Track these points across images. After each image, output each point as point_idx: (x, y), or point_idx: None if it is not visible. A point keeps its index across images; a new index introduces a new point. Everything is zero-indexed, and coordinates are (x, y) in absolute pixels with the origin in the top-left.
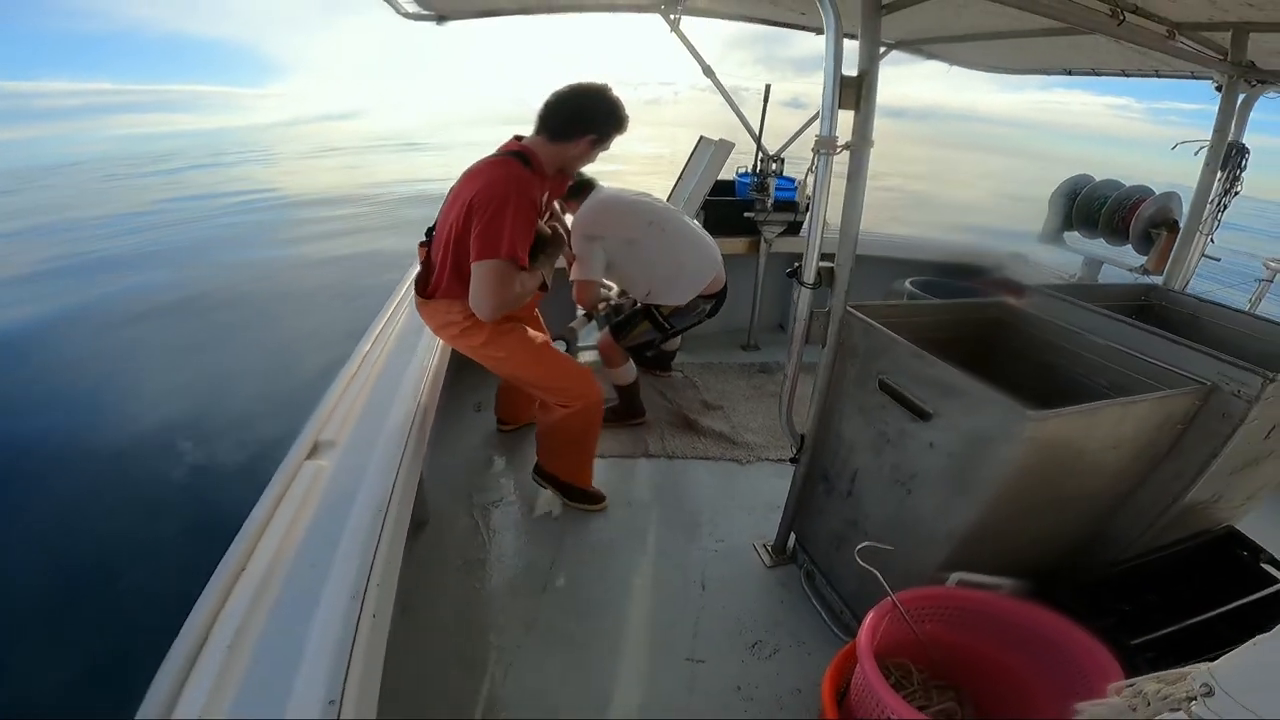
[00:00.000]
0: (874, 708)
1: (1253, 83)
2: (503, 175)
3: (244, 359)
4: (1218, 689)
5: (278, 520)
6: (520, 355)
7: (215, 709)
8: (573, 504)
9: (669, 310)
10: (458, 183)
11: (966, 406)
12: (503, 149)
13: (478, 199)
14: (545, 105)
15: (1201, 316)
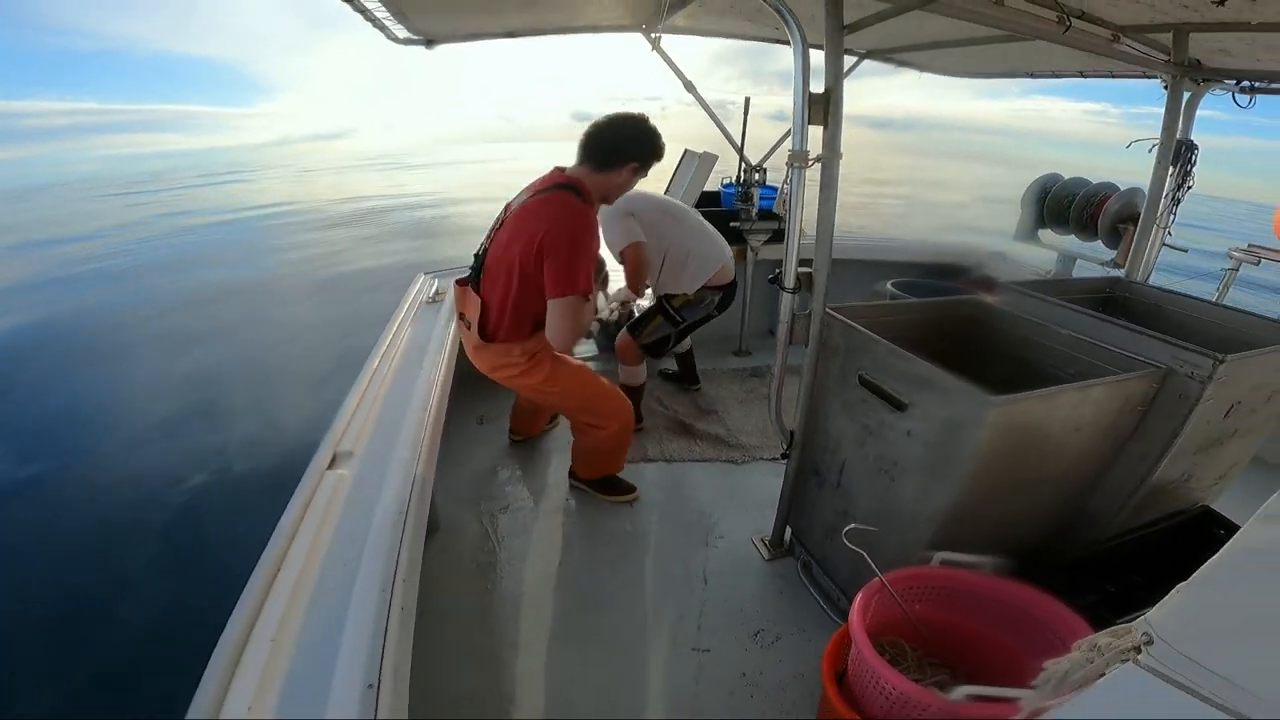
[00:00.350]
0: (870, 681)
1: (1198, 81)
2: (570, 212)
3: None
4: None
5: (306, 525)
6: (572, 385)
7: (263, 699)
8: (609, 497)
9: (679, 303)
10: (511, 220)
11: (938, 396)
12: (549, 181)
13: (550, 238)
14: (588, 137)
15: (1163, 306)
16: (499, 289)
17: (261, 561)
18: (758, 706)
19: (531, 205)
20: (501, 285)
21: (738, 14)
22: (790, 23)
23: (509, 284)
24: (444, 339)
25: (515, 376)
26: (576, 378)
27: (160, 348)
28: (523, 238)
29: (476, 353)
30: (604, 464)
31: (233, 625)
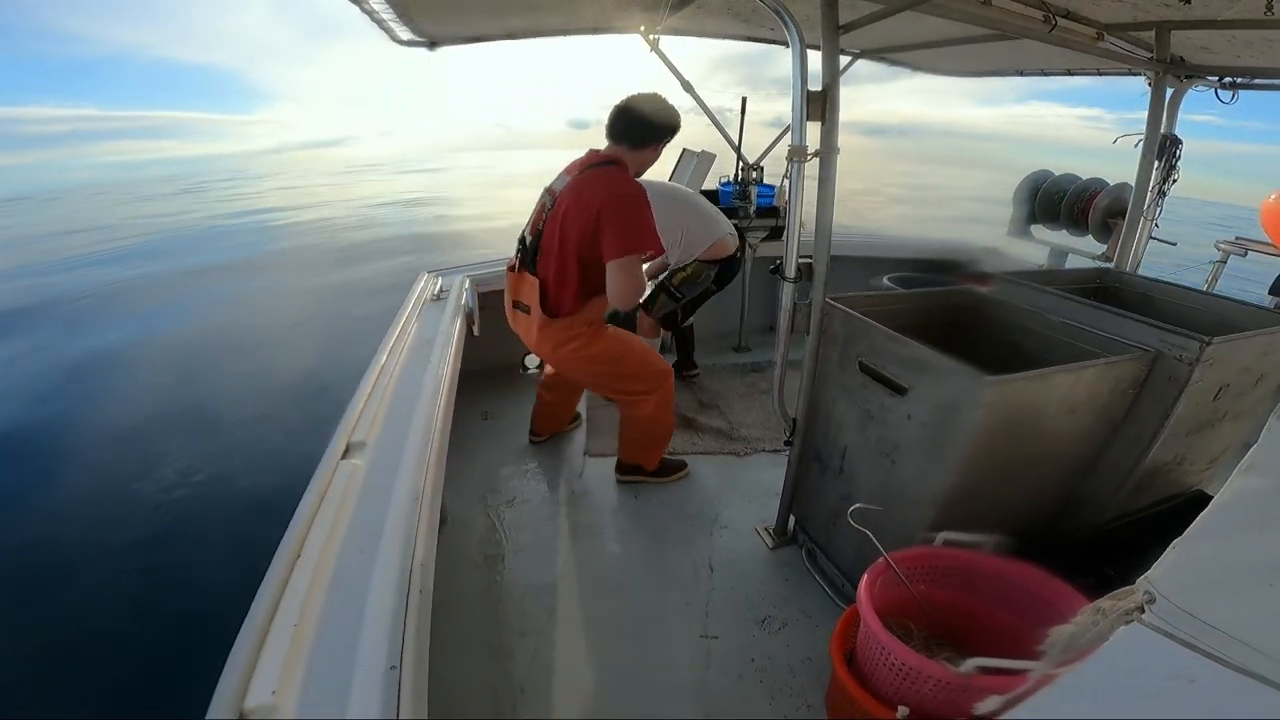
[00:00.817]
0: (879, 657)
1: (1180, 77)
2: (623, 181)
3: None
4: (1158, 595)
5: (323, 513)
6: (627, 348)
7: (288, 683)
8: (662, 480)
9: (678, 280)
10: (562, 198)
11: (936, 379)
12: (591, 160)
13: (609, 206)
14: (621, 118)
15: (1152, 295)
16: (555, 265)
17: (280, 549)
18: (767, 690)
19: (582, 181)
20: (558, 261)
21: (735, 15)
22: (788, 23)
23: (565, 259)
24: (450, 335)
25: (580, 348)
26: (628, 340)
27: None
28: (578, 212)
29: (541, 333)
30: (656, 443)
31: (255, 612)
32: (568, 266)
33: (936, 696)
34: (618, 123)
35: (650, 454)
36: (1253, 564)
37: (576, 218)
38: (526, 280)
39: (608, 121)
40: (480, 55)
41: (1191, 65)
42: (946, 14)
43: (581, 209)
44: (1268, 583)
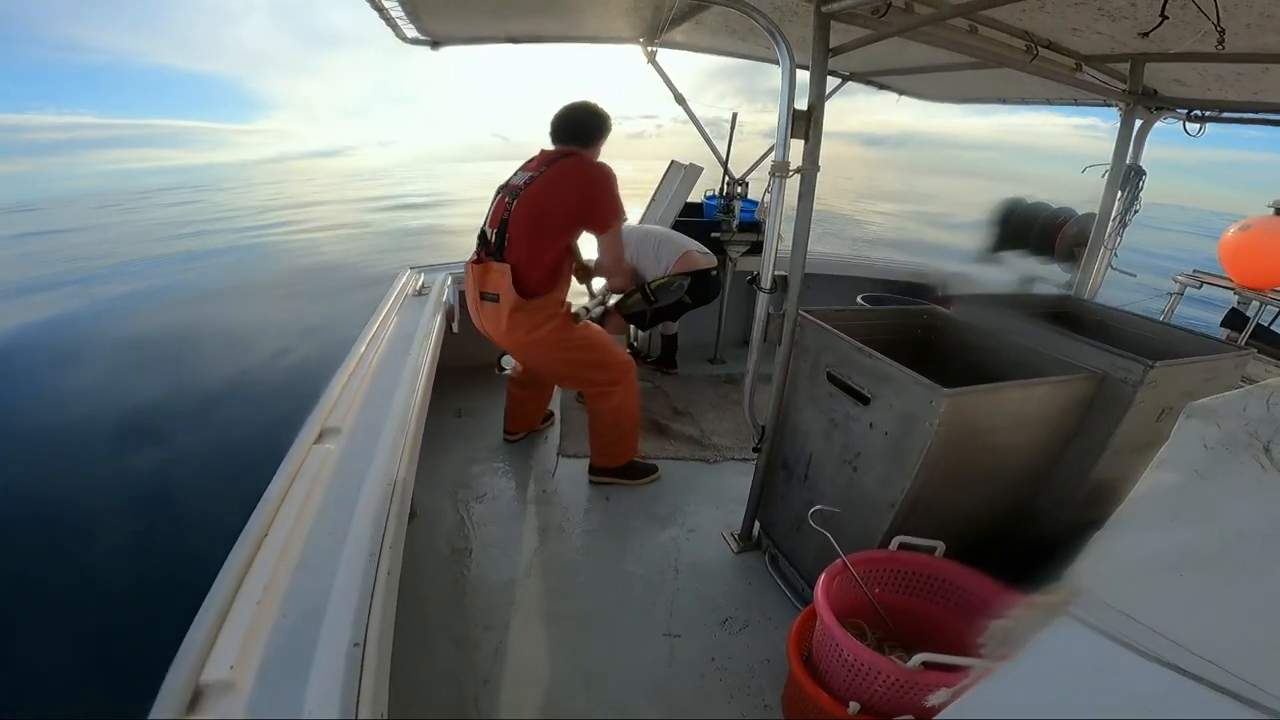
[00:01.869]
0: (833, 653)
1: (1151, 109)
2: (596, 166)
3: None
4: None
5: (294, 494)
6: (592, 335)
7: (248, 656)
8: (636, 482)
9: (655, 285)
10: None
11: (897, 390)
12: (552, 156)
13: (592, 188)
14: (567, 121)
15: (1107, 321)
16: (527, 247)
17: (247, 527)
18: (726, 689)
19: (558, 170)
20: (530, 246)
21: (731, 33)
22: (780, 44)
23: (539, 243)
24: (430, 329)
25: (555, 329)
26: (592, 328)
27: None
28: (560, 198)
29: (513, 318)
30: (625, 440)
31: (217, 588)
32: (543, 248)
33: (886, 692)
34: (566, 126)
35: (621, 449)
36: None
37: (560, 198)
38: (494, 268)
39: (555, 127)
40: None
41: (1163, 97)
42: (934, 41)
43: (568, 190)
44: (1179, 573)
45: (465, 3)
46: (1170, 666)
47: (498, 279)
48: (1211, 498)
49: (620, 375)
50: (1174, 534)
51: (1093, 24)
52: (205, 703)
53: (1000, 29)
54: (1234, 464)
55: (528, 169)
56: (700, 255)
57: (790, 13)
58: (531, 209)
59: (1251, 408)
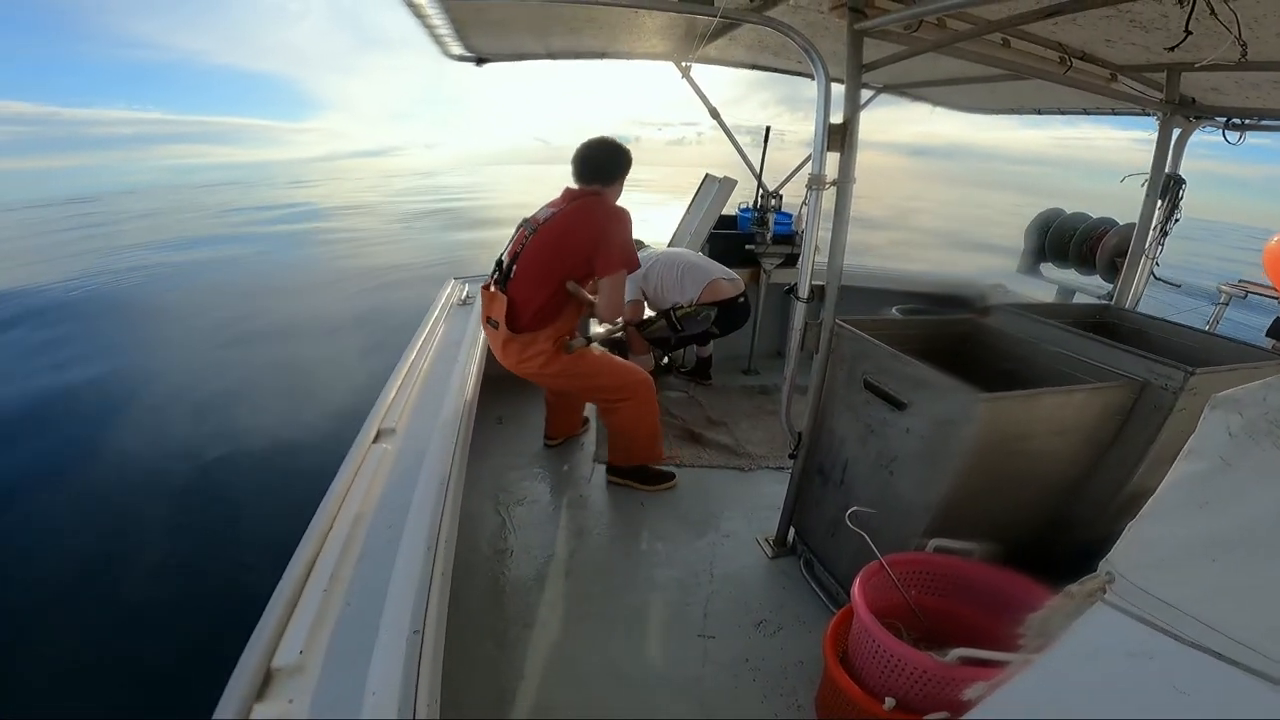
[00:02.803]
0: (869, 649)
1: (1189, 118)
2: (613, 210)
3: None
4: (1117, 575)
5: (355, 491)
6: (593, 362)
7: (316, 641)
8: (649, 487)
9: (680, 313)
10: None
11: (933, 395)
12: (574, 195)
13: (604, 230)
14: (588, 161)
15: (1147, 330)
16: (528, 286)
17: (314, 521)
18: (759, 688)
19: (577, 209)
20: (533, 282)
21: (764, 48)
22: (815, 60)
23: (542, 280)
24: (476, 337)
25: (543, 364)
26: (594, 356)
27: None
28: (576, 233)
29: (505, 347)
30: (638, 445)
31: (287, 578)
32: (539, 286)
33: (923, 687)
34: (587, 166)
35: (633, 453)
36: (1196, 541)
37: (573, 239)
38: (498, 298)
39: (577, 167)
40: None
41: (1202, 106)
42: (966, 56)
43: (579, 231)
44: (1210, 558)
45: (508, 22)
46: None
47: (498, 308)
48: (1238, 485)
49: (629, 392)
50: (1204, 521)
51: (1126, 35)
52: (275, 686)
53: (1033, 41)
54: (1257, 451)
55: (552, 205)
56: (727, 283)
57: (823, 28)
58: (544, 244)
59: (1271, 397)
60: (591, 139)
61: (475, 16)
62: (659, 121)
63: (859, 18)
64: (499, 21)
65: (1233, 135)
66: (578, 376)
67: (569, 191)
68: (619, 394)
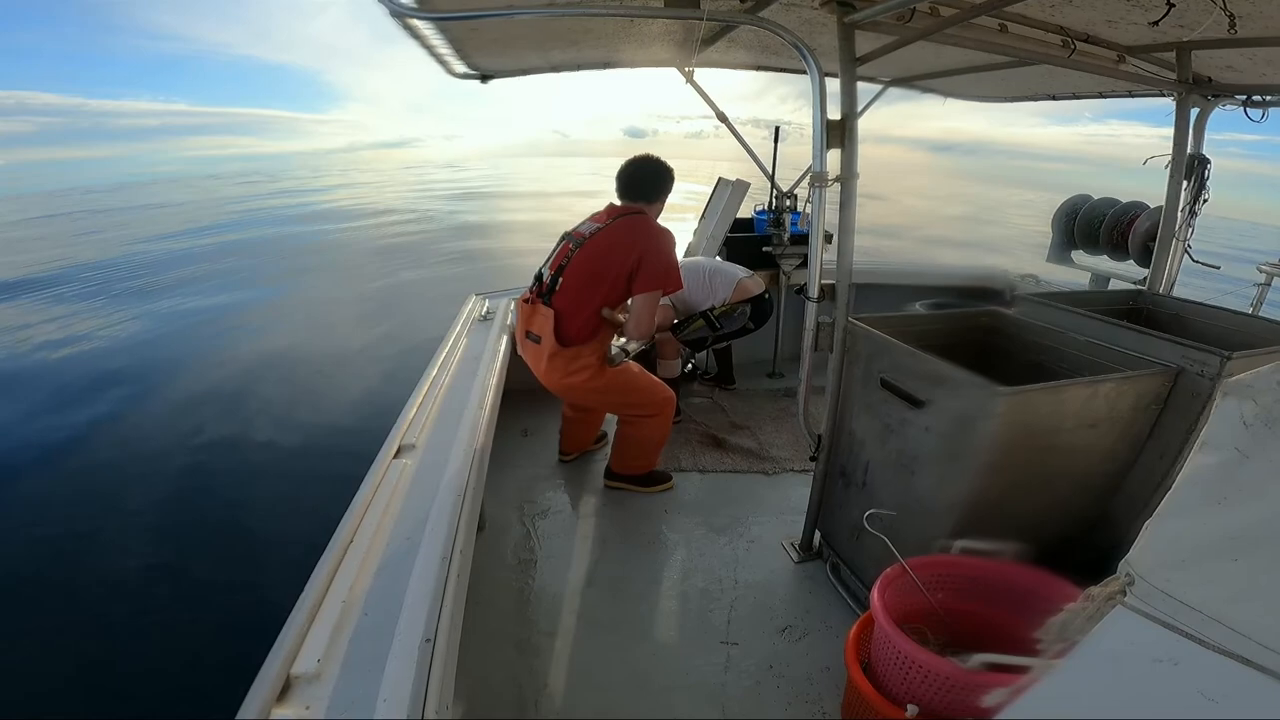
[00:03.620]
0: (891, 655)
1: (1207, 97)
2: (658, 229)
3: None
4: (1137, 576)
5: (376, 504)
6: (633, 379)
7: (334, 650)
8: (649, 489)
9: (718, 312)
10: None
11: (951, 392)
12: (618, 211)
13: (650, 247)
14: (633, 179)
15: (1184, 315)
16: (573, 297)
17: (336, 535)
18: (783, 695)
19: (621, 225)
20: (579, 296)
21: (765, 49)
22: (806, 56)
23: (589, 294)
24: (496, 351)
25: (588, 379)
26: (633, 372)
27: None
28: (621, 249)
29: (550, 362)
30: (646, 456)
31: (308, 589)
32: (587, 299)
33: (946, 694)
34: (632, 183)
35: (639, 464)
36: (1216, 539)
37: (618, 254)
38: (540, 311)
39: (622, 183)
40: None
41: (1219, 84)
42: (963, 43)
43: (625, 247)
44: (1231, 557)
45: (509, 39)
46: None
47: (542, 322)
48: (1256, 477)
49: (657, 409)
50: (1223, 516)
51: (1126, 15)
52: (293, 692)
53: (1032, 25)
54: (1274, 441)
55: (595, 220)
56: (752, 282)
57: (819, 25)
58: (591, 258)
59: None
60: (637, 156)
61: (473, 35)
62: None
63: (848, 10)
64: (497, 39)
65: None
66: (617, 391)
67: (612, 208)
68: (649, 409)
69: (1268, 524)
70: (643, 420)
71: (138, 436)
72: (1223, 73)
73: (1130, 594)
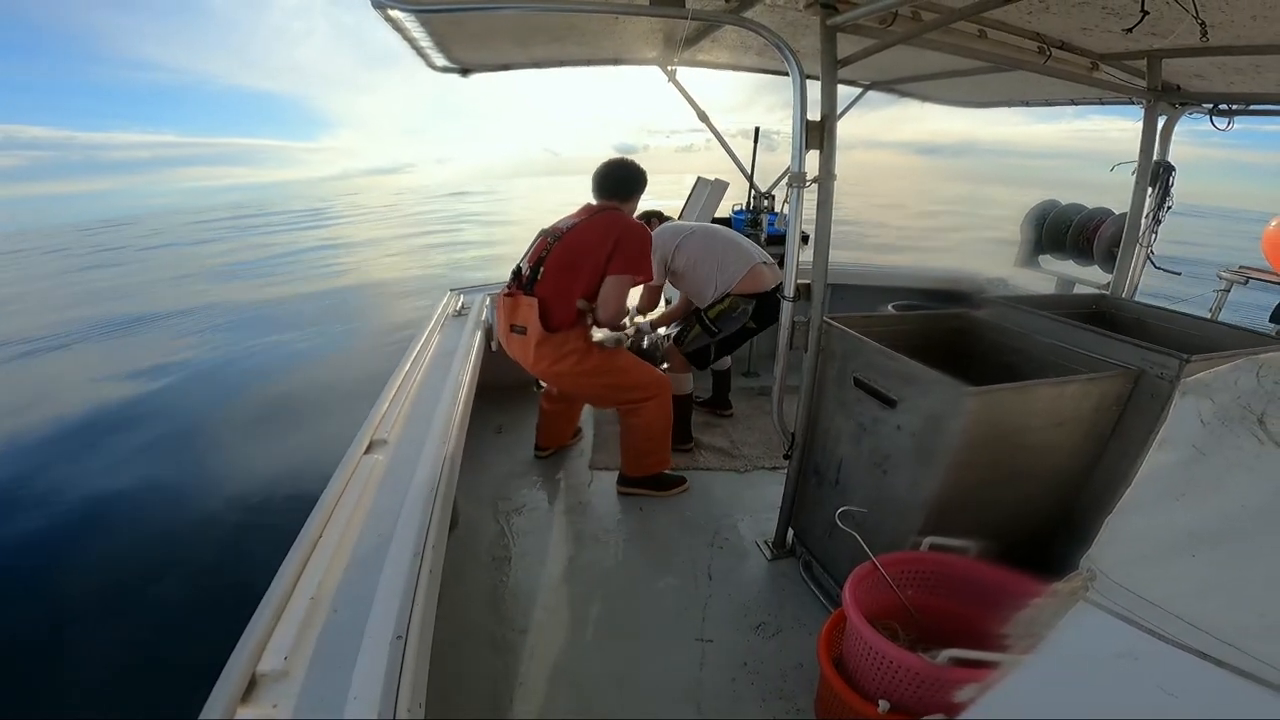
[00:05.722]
0: (861, 651)
1: (1175, 105)
2: (634, 222)
3: None
4: (1099, 572)
5: (346, 500)
6: (620, 362)
7: (301, 648)
8: (664, 493)
9: (713, 314)
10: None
11: (922, 390)
12: (595, 209)
13: (625, 236)
14: (607, 179)
15: (1146, 319)
16: (558, 286)
17: (303, 531)
18: (758, 692)
19: (600, 219)
20: (559, 284)
21: (747, 49)
22: (789, 57)
23: (569, 282)
24: (470, 346)
25: (578, 361)
26: (622, 355)
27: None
28: (597, 239)
29: (538, 350)
30: (657, 449)
31: (275, 586)
32: (570, 285)
33: (915, 690)
34: (607, 183)
35: (651, 460)
36: (1176, 535)
37: (596, 244)
38: (523, 302)
39: (597, 183)
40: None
41: (1187, 93)
42: (943, 47)
43: (601, 237)
44: (1190, 553)
45: (489, 32)
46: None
47: (526, 312)
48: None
49: (654, 390)
50: (1181, 513)
51: (1101, 23)
52: (259, 691)
53: (1010, 31)
54: (1231, 438)
55: (576, 215)
56: (771, 273)
57: (803, 26)
58: (569, 250)
59: (1242, 380)
60: (611, 159)
61: (455, 29)
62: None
63: (831, 13)
64: (479, 33)
65: (1221, 121)
66: (608, 373)
67: (589, 206)
68: (645, 391)
69: (1225, 520)
70: (641, 406)
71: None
72: (1191, 81)
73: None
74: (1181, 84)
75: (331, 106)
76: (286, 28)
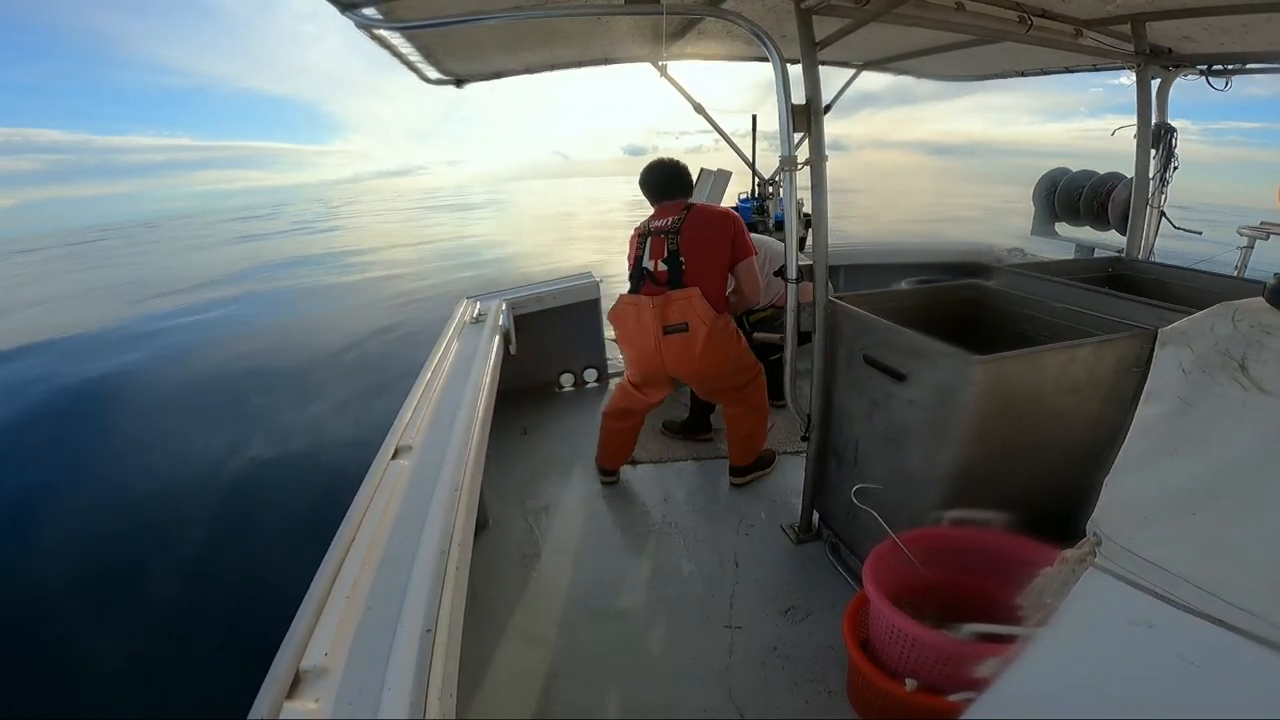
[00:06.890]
0: (885, 631)
1: (1167, 67)
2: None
3: None
4: (1104, 536)
5: (375, 505)
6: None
7: (339, 644)
8: (767, 471)
9: (754, 318)
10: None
11: (931, 363)
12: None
13: (738, 224)
14: (669, 179)
15: (1163, 280)
16: (703, 273)
17: (338, 535)
18: (788, 676)
19: (700, 215)
20: (705, 270)
21: (734, 38)
22: (767, 43)
23: (716, 270)
24: (488, 352)
25: (735, 342)
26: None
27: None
28: (714, 232)
29: (709, 342)
30: (763, 429)
31: (314, 587)
32: (716, 273)
33: (940, 666)
34: (671, 183)
35: (759, 440)
36: (1172, 493)
37: (717, 233)
38: (677, 297)
39: (660, 185)
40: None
41: (1179, 55)
42: (919, 23)
43: (719, 228)
44: (1190, 511)
45: (478, 43)
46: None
47: (683, 306)
48: (1202, 426)
49: (756, 373)
50: (1176, 469)
51: None
52: (304, 685)
53: (988, 2)
54: (1215, 387)
55: (665, 215)
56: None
57: (783, 12)
58: (697, 238)
59: (1219, 327)
60: (656, 161)
61: (442, 42)
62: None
63: None
64: (466, 44)
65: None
66: (746, 353)
67: (670, 205)
68: (755, 368)
69: (1218, 475)
70: (752, 387)
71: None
72: (1181, 43)
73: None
74: (1173, 47)
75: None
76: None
